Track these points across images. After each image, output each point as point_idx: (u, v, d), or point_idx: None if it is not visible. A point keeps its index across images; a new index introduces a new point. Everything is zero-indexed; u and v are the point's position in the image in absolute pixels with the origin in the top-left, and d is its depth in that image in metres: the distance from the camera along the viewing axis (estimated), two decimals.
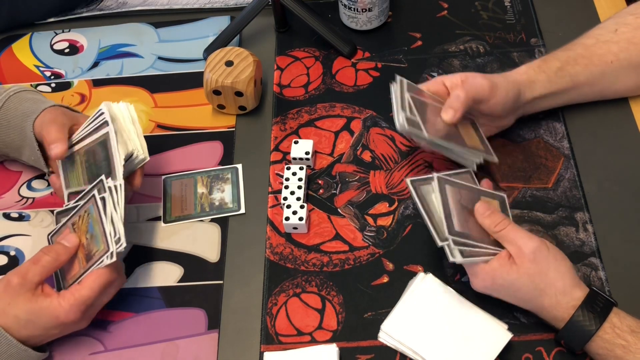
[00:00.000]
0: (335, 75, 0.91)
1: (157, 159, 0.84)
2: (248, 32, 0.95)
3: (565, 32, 0.92)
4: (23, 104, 0.77)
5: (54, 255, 0.67)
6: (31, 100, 0.78)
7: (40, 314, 0.65)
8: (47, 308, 0.65)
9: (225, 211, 0.79)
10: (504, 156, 0.81)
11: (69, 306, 0.65)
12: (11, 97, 0.78)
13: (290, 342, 0.70)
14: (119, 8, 1.00)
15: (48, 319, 0.65)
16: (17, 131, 0.77)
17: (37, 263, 0.66)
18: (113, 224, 0.66)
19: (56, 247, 0.68)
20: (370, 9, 0.91)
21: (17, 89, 0.79)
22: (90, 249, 0.68)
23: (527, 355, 0.67)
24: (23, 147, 0.78)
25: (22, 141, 0.77)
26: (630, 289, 0.70)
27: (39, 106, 0.76)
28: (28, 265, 0.66)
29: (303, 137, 0.85)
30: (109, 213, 0.67)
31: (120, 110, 0.76)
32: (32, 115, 0.75)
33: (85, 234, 0.69)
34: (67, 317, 0.65)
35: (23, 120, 0.76)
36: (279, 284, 0.74)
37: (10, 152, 0.80)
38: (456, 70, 0.89)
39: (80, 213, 0.70)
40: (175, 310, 0.73)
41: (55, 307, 0.65)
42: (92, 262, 0.67)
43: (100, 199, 0.68)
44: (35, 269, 0.66)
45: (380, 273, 0.74)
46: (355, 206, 0.79)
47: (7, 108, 0.77)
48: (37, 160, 0.78)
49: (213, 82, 0.82)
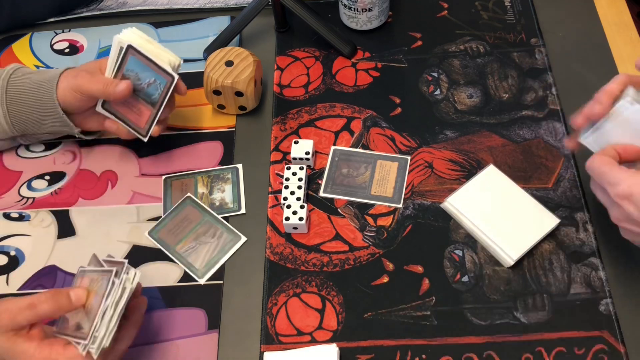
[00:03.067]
0: (336, 75, 0.91)
1: (157, 159, 0.85)
2: (248, 32, 0.95)
3: (565, 32, 0.92)
4: (29, 77, 0.78)
5: (55, 307, 0.62)
6: (34, 72, 0.79)
7: (14, 356, 0.61)
8: (22, 353, 0.61)
9: (225, 211, 0.79)
10: (504, 156, 0.81)
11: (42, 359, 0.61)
12: (12, 74, 0.78)
13: (290, 342, 0.70)
14: (119, 8, 1.00)
15: None
16: (32, 104, 0.77)
17: (33, 309, 0.61)
18: (102, 321, 0.62)
19: (61, 299, 0.62)
20: (370, 9, 0.91)
21: (15, 66, 0.80)
22: (83, 320, 0.63)
23: (527, 355, 0.67)
24: (43, 118, 0.78)
25: (40, 112, 0.77)
26: (630, 289, 0.71)
27: (51, 75, 0.77)
28: (23, 307, 0.61)
29: (303, 137, 0.85)
30: (106, 305, 0.62)
31: (132, 36, 0.77)
32: (48, 84, 0.76)
33: (90, 299, 0.64)
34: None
35: (38, 91, 0.76)
36: (279, 284, 0.74)
37: (29, 127, 0.80)
38: (456, 70, 0.89)
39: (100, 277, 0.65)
40: (175, 310, 0.73)
41: (29, 355, 0.61)
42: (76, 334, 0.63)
43: (111, 281, 0.63)
44: (28, 314, 0.61)
45: (380, 273, 0.74)
46: (355, 206, 0.79)
47: (14, 83, 0.77)
48: (63, 125, 0.78)
49: (213, 82, 0.82)
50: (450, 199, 0.77)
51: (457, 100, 0.87)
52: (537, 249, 0.74)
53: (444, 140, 0.83)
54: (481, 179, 0.78)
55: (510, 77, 0.88)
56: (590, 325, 0.69)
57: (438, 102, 0.87)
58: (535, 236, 0.73)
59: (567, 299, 0.70)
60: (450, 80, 0.88)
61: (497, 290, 0.72)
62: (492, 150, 0.82)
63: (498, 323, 0.69)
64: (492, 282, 0.72)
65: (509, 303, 0.71)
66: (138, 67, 0.76)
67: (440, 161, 0.81)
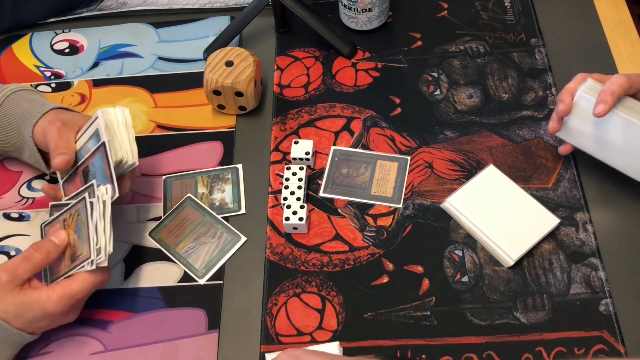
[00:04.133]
0: (335, 75, 0.91)
1: (157, 159, 0.85)
2: (248, 32, 0.95)
3: (565, 32, 0.92)
4: (22, 105, 0.77)
5: (45, 253, 0.68)
6: (29, 101, 0.78)
7: (29, 307, 0.65)
8: (35, 301, 0.65)
9: (225, 211, 0.79)
10: (504, 156, 0.81)
11: (57, 299, 0.66)
12: (9, 97, 0.78)
13: (290, 342, 0.70)
14: (119, 8, 1.00)
15: (36, 311, 0.66)
16: (16, 132, 0.77)
17: (28, 260, 0.67)
18: (97, 234, 0.67)
19: (47, 245, 0.69)
20: (370, 9, 0.91)
21: (15, 88, 0.79)
22: (75, 249, 0.69)
23: (527, 355, 0.67)
24: (23, 148, 0.78)
25: (22, 142, 0.77)
26: (630, 289, 0.71)
27: (38, 109, 0.76)
28: (18, 262, 0.67)
29: (303, 137, 0.85)
30: (94, 221, 0.67)
31: (116, 115, 0.75)
32: (31, 119, 0.75)
33: (74, 233, 0.70)
34: (55, 309, 0.66)
35: (22, 123, 0.76)
36: (279, 284, 0.74)
37: (10, 151, 0.80)
38: (456, 71, 0.89)
39: (71, 211, 0.71)
40: (175, 310, 0.73)
41: (44, 300, 0.66)
42: (75, 263, 0.68)
43: (89, 202, 0.68)
44: (26, 266, 0.67)
45: (380, 273, 0.74)
46: (355, 206, 0.79)
47: (5, 109, 0.77)
48: (37, 162, 0.78)
49: (213, 82, 0.82)
50: (450, 199, 0.77)
51: (457, 100, 0.87)
52: (537, 249, 0.74)
53: (443, 141, 0.83)
54: (481, 179, 0.78)
55: (510, 77, 0.88)
56: (590, 325, 0.69)
57: (438, 102, 0.87)
58: (535, 236, 0.73)
59: (567, 299, 0.70)
60: (450, 81, 0.89)
61: (497, 290, 0.72)
62: (492, 150, 0.82)
63: (498, 323, 0.69)
64: (492, 282, 0.72)
65: (509, 303, 0.71)
66: (99, 166, 0.72)
67: (440, 161, 0.81)
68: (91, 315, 0.73)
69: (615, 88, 0.69)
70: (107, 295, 0.74)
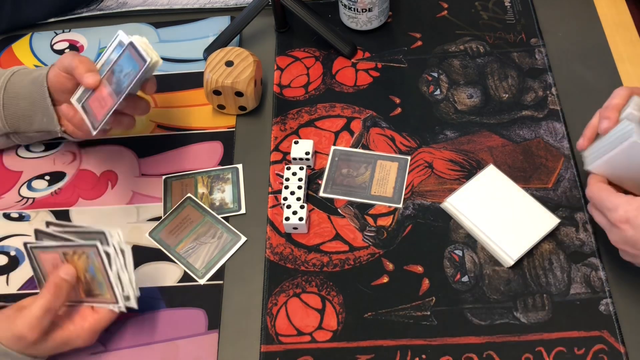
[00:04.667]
0: (335, 75, 0.91)
1: (157, 159, 0.85)
2: (248, 32, 0.95)
3: (565, 32, 0.92)
4: (29, 75, 0.79)
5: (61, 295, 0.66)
6: (35, 70, 0.80)
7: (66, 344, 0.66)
8: (68, 336, 0.66)
9: (225, 211, 0.79)
10: (504, 156, 0.81)
11: (87, 335, 0.67)
12: (16, 73, 0.79)
13: (290, 342, 0.70)
14: (119, 8, 1.00)
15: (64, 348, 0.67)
16: (27, 98, 0.78)
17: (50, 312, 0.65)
18: (121, 282, 0.66)
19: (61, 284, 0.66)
20: (370, 9, 0.91)
21: (18, 67, 0.81)
22: (91, 287, 0.68)
23: (527, 355, 0.67)
24: (34, 114, 0.78)
25: (33, 108, 0.78)
26: (630, 289, 0.71)
27: (44, 69, 0.78)
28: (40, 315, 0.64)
29: (303, 137, 0.85)
30: (115, 270, 0.66)
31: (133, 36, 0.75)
32: (40, 77, 0.77)
33: (83, 272, 0.68)
34: (84, 344, 0.67)
35: (31, 86, 0.77)
36: (279, 284, 0.74)
37: (20, 124, 0.80)
38: (456, 71, 0.89)
39: (77, 250, 0.67)
40: (175, 310, 0.73)
41: (77, 332, 0.67)
42: (94, 300, 0.68)
43: (104, 252, 0.66)
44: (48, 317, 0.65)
45: (380, 273, 0.74)
46: (355, 206, 0.79)
47: (13, 81, 0.78)
48: (49, 122, 0.78)
49: (213, 82, 0.82)
50: (450, 199, 0.77)
51: (457, 100, 0.87)
52: (537, 249, 0.74)
53: (444, 141, 0.83)
54: (481, 179, 0.78)
55: (510, 77, 0.88)
56: (590, 325, 0.69)
57: (438, 102, 0.87)
58: (535, 236, 0.73)
59: (567, 299, 0.70)
60: (450, 81, 0.89)
61: (497, 290, 0.72)
62: (492, 150, 0.82)
63: (498, 323, 0.69)
64: (492, 282, 0.72)
65: (509, 303, 0.71)
66: (128, 62, 0.72)
67: (440, 161, 0.81)
68: None
69: (616, 101, 0.67)
70: None
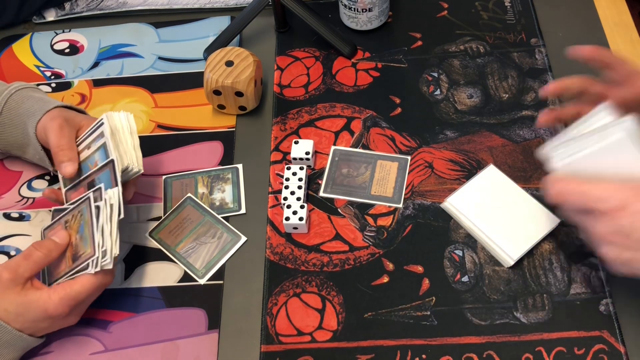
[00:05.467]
0: (336, 75, 0.91)
1: (157, 159, 0.85)
2: (248, 32, 0.95)
3: (565, 32, 0.92)
4: (25, 103, 0.77)
5: (46, 251, 0.68)
6: (33, 99, 0.78)
7: (30, 307, 0.65)
8: (36, 301, 0.65)
9: (225, 211, 0.79)
10: (504, 156, 0.81)
11: (58, 299, 0.65)
12: (13, 96, 0.78)
13: (290, 342, 0.70)
14: (119, 8, 1.00)
15: (37, 311, 0.65)
16: (20, 130, 0.77)
17: (29, 259, 0.67)
18: (103, 236, 0.66)
19: (47, 244, 0.69)
20: (370, 9, 0.91)
21: (19, 85, 0.79)
22: (78, 249, 0.69)
23: (527, 355, 0.67)
24: (27, 146, 0.78)
25: (25, 140, 0.77)
26: (630, 289, 0.70)
27: (42, 106, 0.76)
28: (19, 260, 0.66)
29: (303, 137, 0.85)
30: (100, 222, 0.67)
31: (120, 121, 0.75)
32: (34, 117, 0.75)
33: (76, 233, 0.69)
34: (56, 310, 0.65)
35: (26, 120, 0.76)
36: (279, 284, 0.74)
37: (12, 150, 0.80)
38: (456, 70, 0.89)
39: (74, 213, 0.71)
40: (176, 310, 0.73)
41: (45, 300, 0.65)
42: (77, 262, 0.68)
43: (95, 206, 0.68)
44: (27, 265, 0.66)
45: (380, 273, 0.74)
46: (355, 206, 0.79)
47: (9, 107, 0.77)
48: (41, 159, 0.78)
49: (213, 82, 0.82)
50: (450, 199, 0.77)
51: (457, 100, 0.87)
52: (537, 249, 0.74)
53: (444, 140, 0.83)
54: (481, 179, 0.78)
55: (510, 77, 0.88)
56: (590, 325, 0.69)
57: (438, 102, 0.87)
58: (535, 236, 0.73)
59: (567, 299, 0.70)
60: (450, 80, 0.89)
61: (497, 290, 0.72)
62: (492, 150, 0.82)
63: (498, 323, 0.69)
64: (492, 282, 0.72)
65: (509, 303, 0.71)
66: (105, 177, 0.72)
67: (440, 161, 0.81)
68: (91, 315, 0.72)
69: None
70: (107, 295, 0.74)
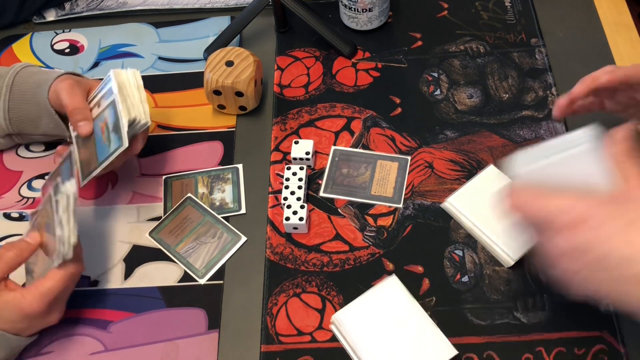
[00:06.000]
0: (336, 75, 0.91)
1: (157, 159, 0.85)
2: (248, 32, 0.95)
3: (565, 32, 0.92)
4: (33, 76, 0.79)
5: (17, 251, 0.67)
6: (40, 72, 0.80)
7: (5, 307, 0.65)
8: (10, 301, 0.65)
9: (225, 211, 0.79)
10: (504, 156, 0.81)
11: (31, 298, 0.65)
12: (20, 72, 0.79)
13: (291, 342, 0.70)
14: (119, 8, 1.00)
15: (13, 311, 0.65)
16: (31, 102, 0.78)
17: (0, 260, 0.66)
18: (62, 227, 0.66)
19: (19, 244, 0.68)
20: (370, 9, 0.91)
21: (23, 64, 0.81)
22: (47, 247, 0.69)
23: (527, 355, 0.67)
24: (40, 118, 0.78)
25: (38, 111, 0.78)
26: None
27: (50, 75, 0.78)
28: None
29: (303, 137, 0.85)
30: (59, 215, 0.66)
31: (128, 77, 0.76)
32: (45, 84, 0.77)
33: (45, 232, 0.69)
34: (31, 308, 0.65)
35: (36, 90, 0.77)
36: (279, 284, 0.74)
37: (25, 127, 0.80)
38: (456, 71, 0.89)
39: (42, 212, 0.71)
40: (176, 310, 0.73)
41: (18, 300, 0.65)
42: (50, 259, 0.68)
43: (55, 200, 0.68)
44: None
45: (381, 273, 0.74)
46: (355, 206, 0.79)
47: (18, 82, 0.78)
48: (57, 126, 0.78)
49: (213, 82, 0.82)
50: (451, 199, 0.77)
51: (457, 100, 0.87)
52: None
53: (444, 141, 0.83)
54: (481, 179, 0.78)
55: (510, 77, 0.88)
56: (590, 325, 0.69)
57: (438, 102, 0.87)
58: None
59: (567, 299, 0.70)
60: (451, 81, 0.89)
61: (497, 290, 0.72)
62: (492, 150, 0.82)
63: (498, 323, 0.69)
64: (492, 282, 0.72)
65: (509, 303, 0.71)
66: (111, 116, 0.73)
67: (440, 161, 0.81)
68: (91, 315, 0.73)
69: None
70: (107, 295, 0.74)
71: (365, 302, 0.69)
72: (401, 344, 0.66)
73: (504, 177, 0.77)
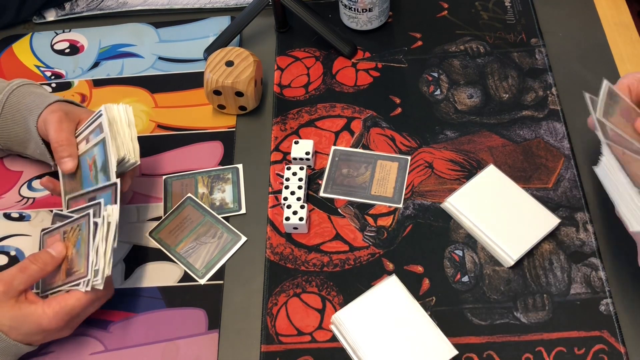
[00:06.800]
0: (336, 75, 0.91)
1: (157, 159, 0.85)
2: (248, 32, 0.95)
3: (565, 32, 0.92)
4: (26, 98, 0.78)
5: (41, 265, 0.67)
6: (34, 94, 0.78)
7: (24, 321, 0.65)
8: (31, 315, 0.65)
9: (225, 211, 0.79)
10: (504, 156, 0.81)
11: (53, 314, 0.65)
12: (14, 91, 0.78)
13: (290, 342, 0.70)
14: (119, 8, 1.00)
15: (31, 325, 0.65)
16: (21, 125, 0.77)
17: (24, 272, 0.66)
18: (97, 255, 0.66)
19: (44, 257, 0.68)
20: (370, 9, 0.91)
21: (20, 82, 0.79)
22: (72, 264, 0.68)
23: (527, 355, 0.67)
24: (28, 141, 0.78)
25: (27, 135, 0.77)
26: (630, 289, 0.71)
27: (43, 101, 0.76)
28: (14, 273, 0.66)
29: (303, 137, 0.85)
30: (96, 241, 0.66)
31: (119, 113, 0.76)
32: (35, 111, 0.76)
33: (72, 247, 0.69)
34: (50, 325, 0.65)
35: (27, 115, 0.76)
36: (279, 284, 0.74)
37: (13, 146, 0.80)
38: (456, 71, 0.89)
39: (73, 225, 0.70)
40: (176, 310, 0.73)
41: (39, 315, 0.65)
42: (70, 278, 0.67)
43: (93, 222, 0.67)
44: (22, 278, 0.66)
45: (381, 273, 0.74)
46: (355, 206, 0.79)
47: (11, 103, 0.77)
48: (42, 154, 0.78)
49: (213, 82, 0.82)
50: (451, 199, 0.77)
51: (457, 100, 0.87)
52: (537, 249, 0.74)
53: (444, 141, 0.83)
54: (481, 179, 0.78)
55: (510, 77, 0.88)
56: (590, 325, 0.69)
57: (438, 102, 0.87)
58: (535, 236, 0.73)
59: (567, 299, 0.70)
60: (451, 81, 0.89)
61: (497, 290, 0.72)
62: (492, 150, 0.82)
63: (498, 323, 0.69)
64: (492, 282, 0.72)
65: (509, 303, 0.71)
66: (100, 155, 0.72)
67: (440, 161, 0.81)
68: (91, 315, 0.72)
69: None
70: None
71: (365, 302, 0.69)
72: (401, 344, 0.66)
73: (503, 177, 0.77)
